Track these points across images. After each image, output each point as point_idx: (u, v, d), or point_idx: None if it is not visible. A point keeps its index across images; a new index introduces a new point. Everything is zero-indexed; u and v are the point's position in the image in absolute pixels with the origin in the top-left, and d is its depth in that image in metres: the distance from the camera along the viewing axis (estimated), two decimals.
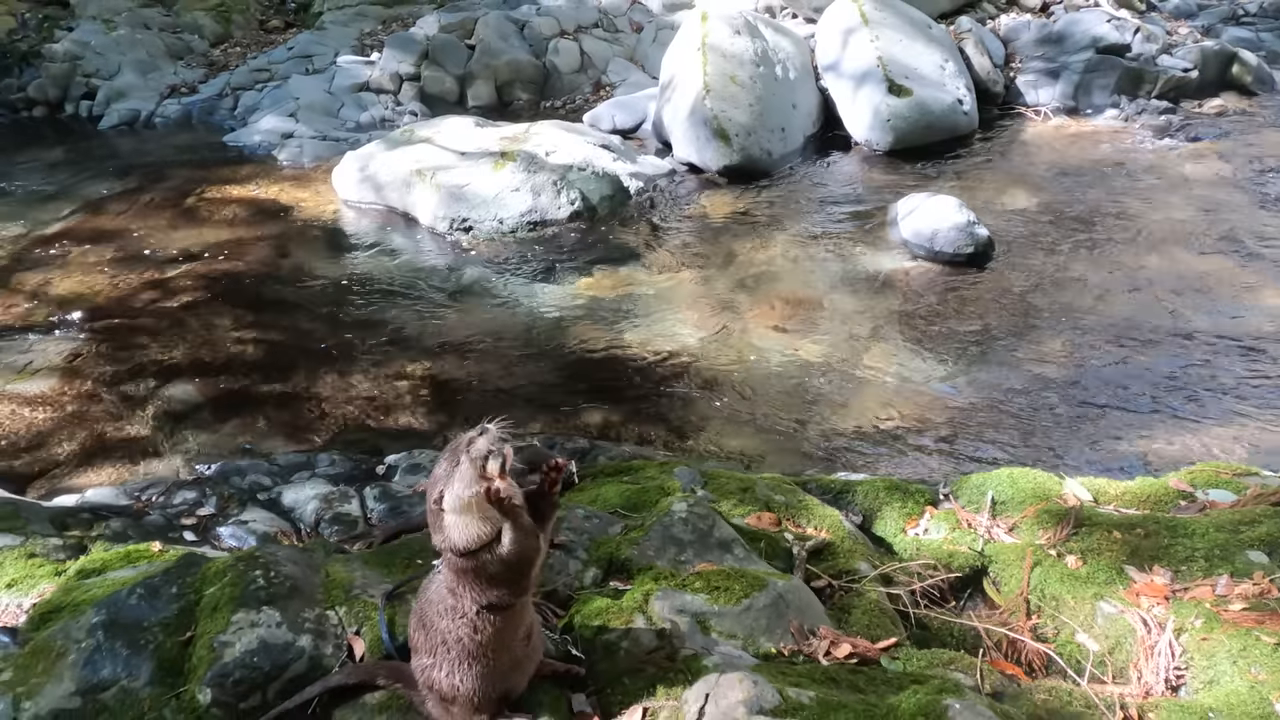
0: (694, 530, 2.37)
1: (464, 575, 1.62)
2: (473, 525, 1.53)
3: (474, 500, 1.52)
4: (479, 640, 1.65)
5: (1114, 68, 8.87)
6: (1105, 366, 4.89)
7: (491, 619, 1.64)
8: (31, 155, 9.40)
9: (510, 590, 1.62)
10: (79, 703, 1.85)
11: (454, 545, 1.55)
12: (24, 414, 4.74)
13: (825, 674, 1.86)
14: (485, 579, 1.59)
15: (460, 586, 1.63)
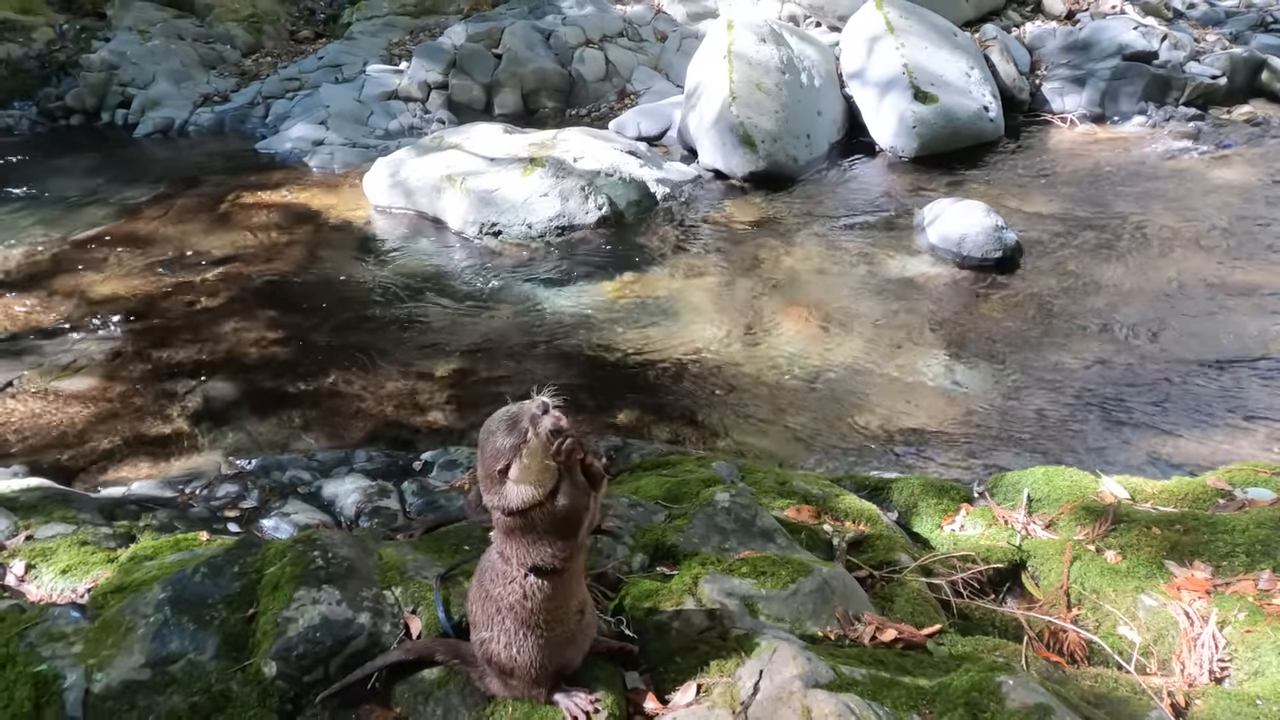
0: (737, 520, 2.41)
1: (512, 535, 1.67)
2: (529, 490, 1.59)
3: (543, 469, 1.58)
4: (530, 607, 1.69)
5: (1141, 75, 8.86)
6: (1137, 369, 4.89)
7: (540, 584, 1.69)
8: (69, 162, 9.59)
9: (556, 549, 1.67)
10: (149, 674, 1.91)
11: (509, 506, 1.61)
12: (68, 410, 4.85)
13: (873, 656, 1.89)
14: (533, 536, 1.64)
15: (509, 548, 1.69)
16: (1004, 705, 1.57)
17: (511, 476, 1.59)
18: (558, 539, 1.66)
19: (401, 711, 1.85)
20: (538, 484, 1.60)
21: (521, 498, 1.60)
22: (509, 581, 1.72)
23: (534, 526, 1.64)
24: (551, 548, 1.66)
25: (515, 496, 1.61)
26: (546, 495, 1.61)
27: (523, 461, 1.58)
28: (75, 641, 2.01)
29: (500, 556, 1.71)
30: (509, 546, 1.70)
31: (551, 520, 1.63)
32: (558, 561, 1.69)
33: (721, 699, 1.67)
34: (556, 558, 1.66)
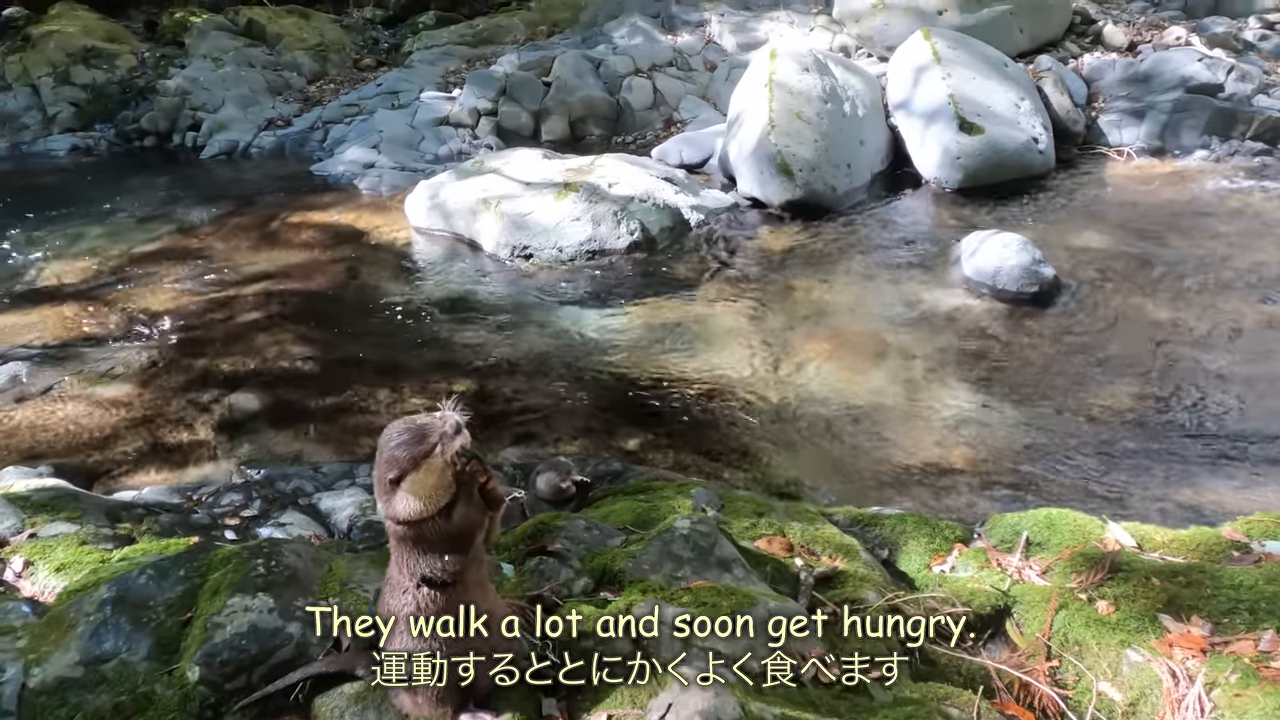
0: (694, 547, 2.34)
1: (403, 544, 1.66)
2: (418, 503, 1.57)
3: (438, 485, 1.57)
4: (424, 621, 1.67)
5: (1205, 108, 8.51)
6: (1168, 415, 4.63)
7: (433, 595, 1.66)
8: (139, 181, 10.09)
9: (445, 563, 1.65)
10: (81, 672, 1.93)
11: (396, 516, 1.59)
12: (100, 416, 5.04)
13: (805, 697, 1.79)
14: (423, 546, 1.62)
15: (401, 557, 1.67)
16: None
17: (404, 488, 1.57)
18: (448, 552, 1.63)
19: None
20: (429, 499, 1.58)
21: (409, 510, 1.59)
22: (403, 592, 1.70)
23: (424, 537, 1.62)
24: (440, 560, 1.63)
25: (403, 508, 1.59)
26: (438, 510, 1.59)
27: (419, 476, 1.57)
28: (21, 636, 2.06)
29: (395, 566, 1.69)
30: (400, 555, 1.68)
31: (442, 534, 1.61)
32: (447, 574, 1.67)
33: None
34: (446, 570, 1.64)
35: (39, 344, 5.96)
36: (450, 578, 1.65)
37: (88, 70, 12.16)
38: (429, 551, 1.64)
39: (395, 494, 1.60)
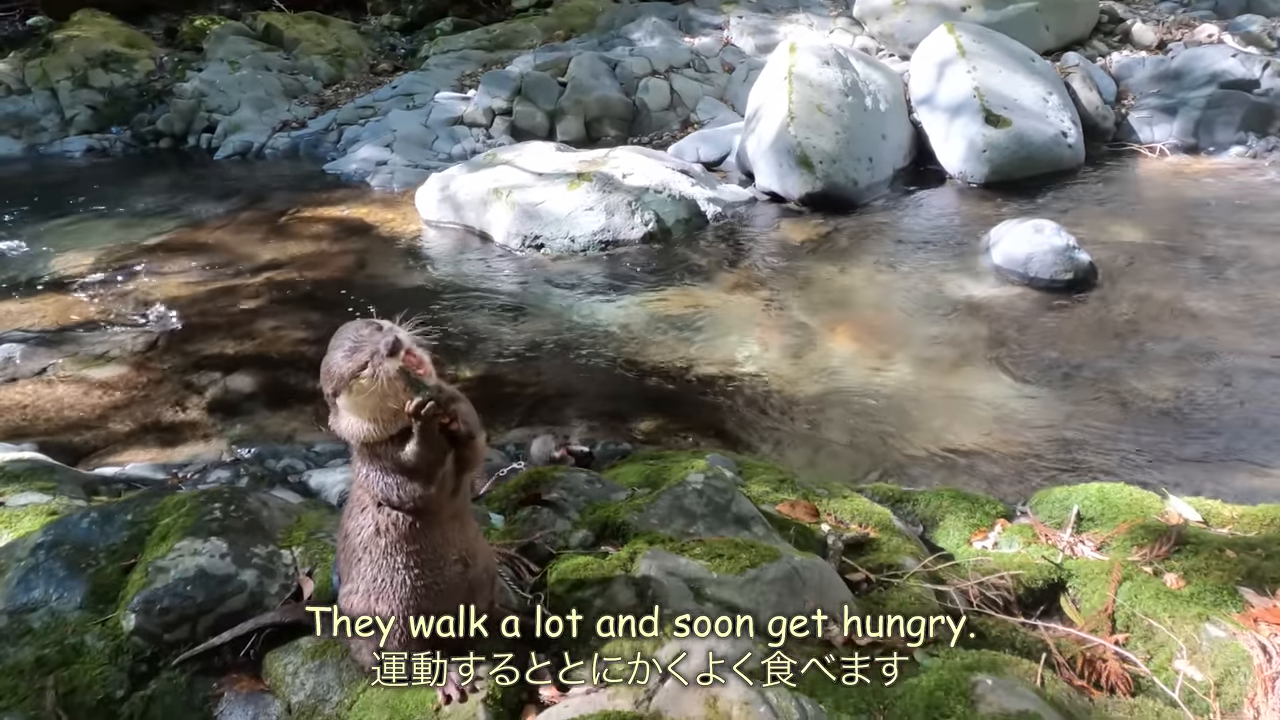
0: (709, 503, 2.08)
1: (359, 458, 1.44)
2: (363, 424, 1.34)
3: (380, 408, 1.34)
4: (384, 544, 1.43)
5: (1240, 103, 8.22)
6: (1216, 400, 4.32)
7: (396, 518, 1.42)
8: (151, 181, 10.00)
9: (405, 491, 1.41)
10: (4, 622, 1.69)
11: (340, 432, 1.36)
12: (92, 396, 4.85)
13: (835, 658, 1.52)
14: (378, 465, 1.39)
15: (359, 471, 1.44)
16: (975, 709, 1.19)
17: (342, 405, 1.34)
18: (407, 481, 1.39)
19: (270, 683, 1.58)
20: (373, 422, 1.35)
21: (350, 430, 1.37)
22: (361, 510, 1.46)
23: (378, 456, 1.38)
24: (399, 487, 1.40)
25: (345, 427, 1.37)
26: (387, 437, 1.35)
27: (353, 396, 1.33)
28: None
29: (355, 481, 1.45)
30: (359, 469, 1.45)
31: (396, 464, 1.37)
32: (410, 501, 1.42)
33: (628, 687, 1.34)
34: (406, 498, 1.40)
35: (36, 329, 5.80)
36: (413, 503, 1.41)
37: (106, 74, 12.16)
38: (386, 473, 1.40)
39: (337, 409, 1.37)
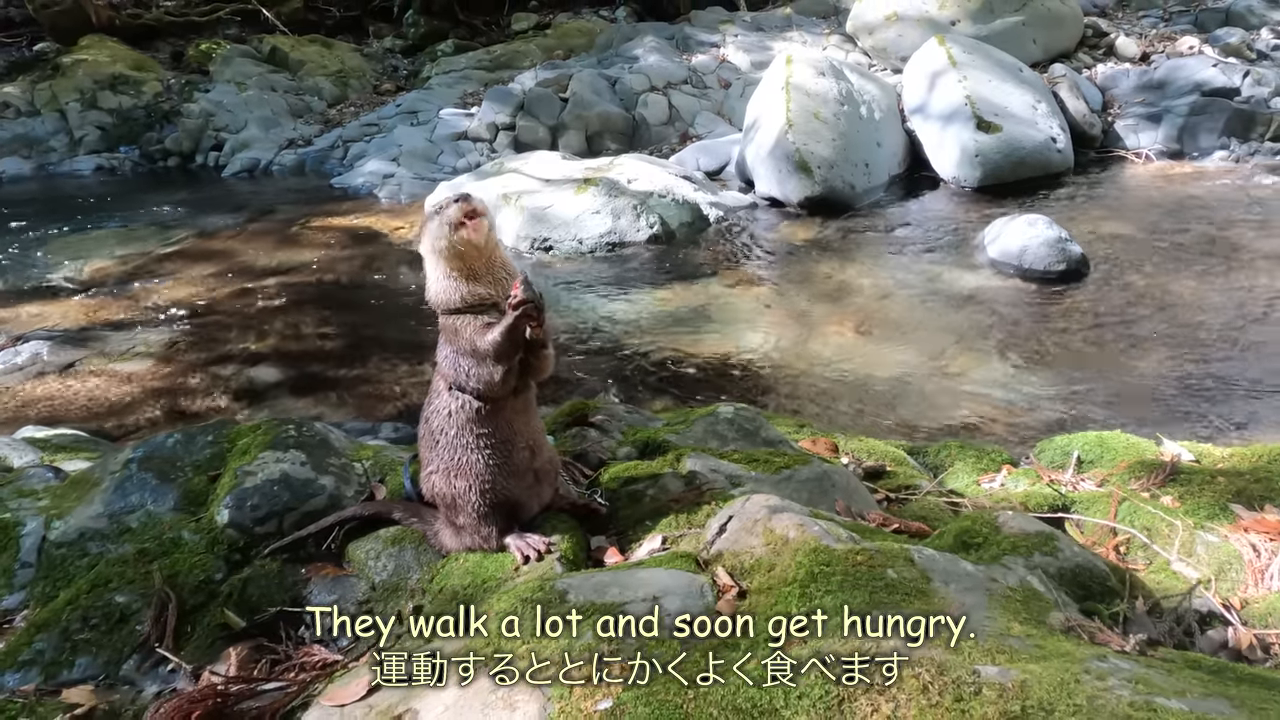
0: (739, 429, 2.25)
1: (442, 339, 1.61)
2: (444, 281, 1.53)
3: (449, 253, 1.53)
4: (458, 425, 1.60)
5: (1222, 110, 8.52)
6: (1204, 374, 4.52)
7: (475, 406, 1.59)
8: (161, 196, 10.20)
9: (473, 375, 1.58)
10: (105, 523, 1.84)
11: (429, 293, 1.55)
12: (120, 387, 4.99)
13: (867, 531, 1.68)
14: (456, 347, 1.57)
15: (441, 354, 1.62)
16: (999, 531, 1.36)
17: (423, 249, 1.54)
18: (477, 365, 1.57)
19: (353, 569, 1.73)
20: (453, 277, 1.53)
21: (435, 290, 1.55)
22: (437, 396, 1.63)
23: (458, 334, 1.56)
24: (471, 370, 1.57)
25: (432, 286, 1.55)
26: (466, 305, 1.54)
27: (424, 238, 1.53)
28: (43, 496, 1.97)
29: (437, 368, 1.63)
30: (440, 351, 1.62)
31: (472, 346, 1.55)
32: (479, 386, 1.59)
33: (687, 544, 1.50)
34: (476, 382, 1.57)
35: (61, 328, 5.95)
36: (481, 388, 1.58)
37: (114, 96, 12.41)
38: (461, 355, 1.57)
39: (426, 268, 1.56)
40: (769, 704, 1.07)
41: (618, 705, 1.10)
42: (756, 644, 1.18)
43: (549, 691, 1.14)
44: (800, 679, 1.09)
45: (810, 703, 1.06)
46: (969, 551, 1.38)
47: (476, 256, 1.57)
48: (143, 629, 1.62)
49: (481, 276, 1.57)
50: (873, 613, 1.16)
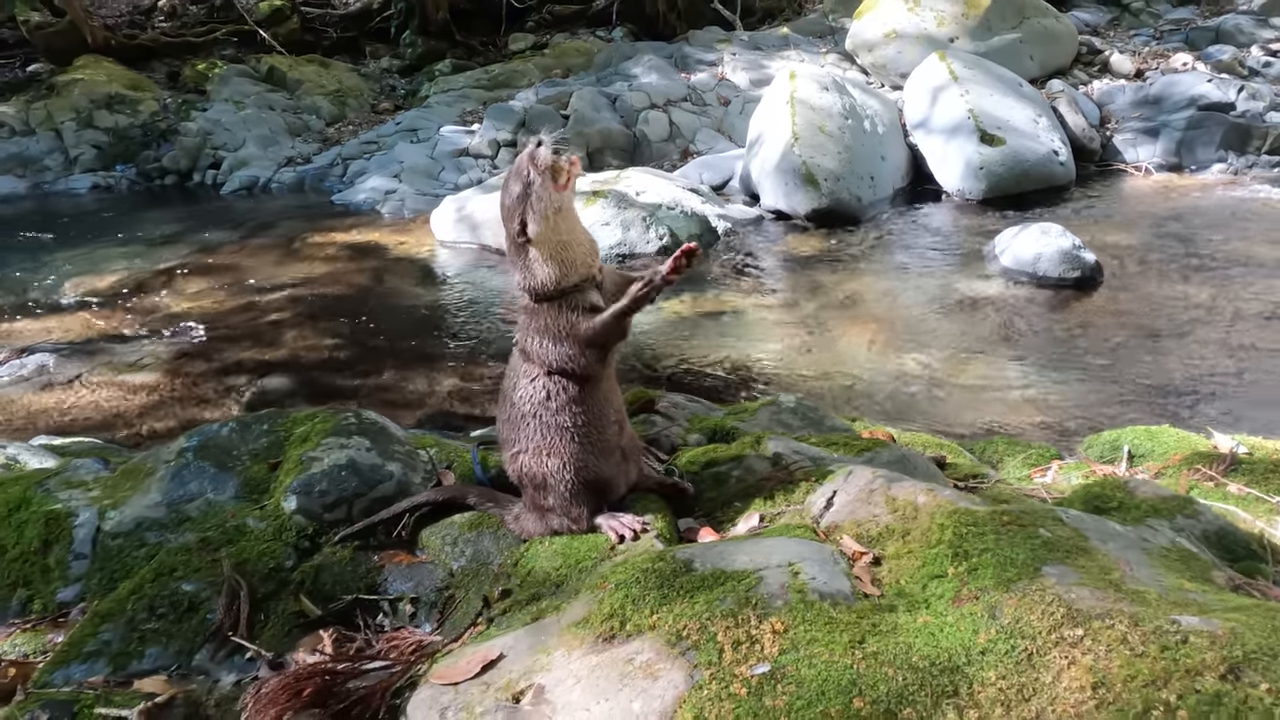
0: (803, 417, 2.20)
1: (537, 333, 1.53)
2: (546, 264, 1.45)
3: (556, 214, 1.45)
4: (554, 407, 1.52)
5: (1219, 124, 8.63)
6: (1228, 370, 4.51)
7: (565, 384, 1.52)
8: (159, 214, 10.12)
9: (574, 354, 1.51)
10: (163, 512, 1.77)
11: (531, 280, 1.47)
12: (128, 398, 4.89)
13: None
14: (556, 336, 1.49)
15: (531, 343, 1.53)
16: (1133, 496, 1.31)
17: (533, 235, 1.45)
18: (582, 348, 1.50)
19: (427, 556, 1.66)
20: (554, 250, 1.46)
21: (540, 275, 1.47)
22: (531, 380, 1.56)
23: (565, 311, 1.49)
24: (571, 350, 1.50)
25: (537, 271, 1.47)
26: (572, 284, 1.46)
27: (537, 208, 1.45)
28: (93, 488, 1.90)
29: (522, 354, 1.55)
30: (531, 341, 1.55)
31: (573, 330, 1.48)
32: (577, 365, 1.53)
33: (787, 520, 1.45)
34: (575, 361, 1.50)
35: (66, 341, 5.85)
36: (581, 369, 1.51)
37: (110, 115, 12.34)
38: (560, 341, 1.50)
39: (529, 254, 1.47)
40: (949, 661, 1.02)
41: (776, 668, 1.04)
42: (916, 604, 1.13)
43: (694, 658, 1.08)
44: (978, 635, 1.04)
45: (996, 658, 1.00)
46: (1104, 515, 1.34)
47: (575, 224, 1.51)
48: (213, 618, 1.55)
49: (580, 245, 1.50)
50: (1041, 567, 1.11)
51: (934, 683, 0.98)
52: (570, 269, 1.47)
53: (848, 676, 1.01)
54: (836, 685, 1.00)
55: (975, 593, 1.09)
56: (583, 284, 1.51)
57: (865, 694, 0.98)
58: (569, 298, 1.49)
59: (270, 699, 1.22)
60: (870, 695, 0.98)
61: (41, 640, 1.59)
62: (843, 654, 1.03)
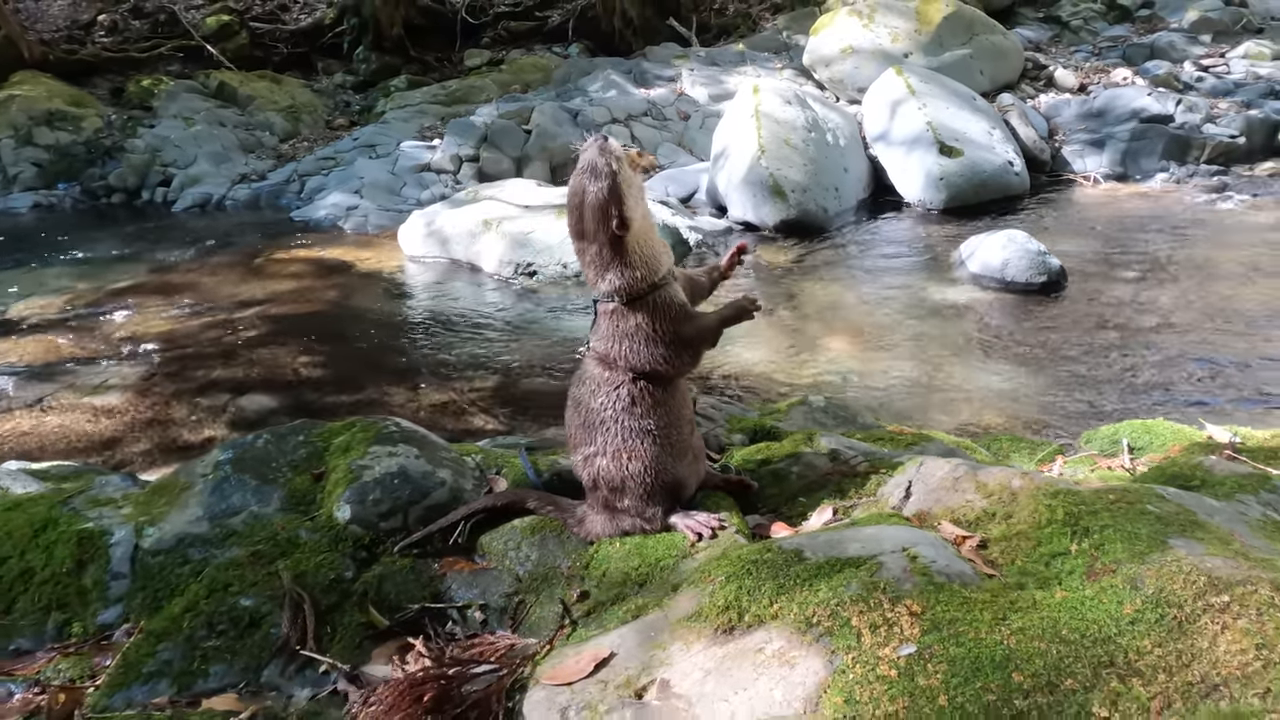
0: (835, 416, 2.23)
1: (625, 337, 1.51)
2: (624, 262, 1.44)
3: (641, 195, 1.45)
4: (639, 412, 1.51)
5: (1161, 135, 9.02)
6: (1199, 366, 4.71)
7: (649, 389, 1.51)
8: (107, 233, 9.78)
9: (669, 357, 1.50)
10: (206, 527, 1.71)
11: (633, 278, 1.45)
12: (98, 421, 4.72)
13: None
14: (648, 338, 1.48)
15: (617, 350, 1.52)
16: (1211, 473, 1.36)
17: (634, 225, 1.44)
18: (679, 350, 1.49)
19: (489, 562, 1.63)
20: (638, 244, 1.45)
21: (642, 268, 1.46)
22: (614, 388, 1.54)
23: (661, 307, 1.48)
24: (667, 352, 1.49)
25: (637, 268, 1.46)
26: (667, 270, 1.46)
27: (629, 196, 1.44)
28: (124, 505, 1.82)
29: (601, 363, 1.54)
30: (617, 345, 1.53)
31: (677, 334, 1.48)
32: (672, 368, 1.52)
33: (866, 510, 1.46)
34: (670, 363, 1.50)
35: (23, 364, 5.60)
36: (676, 372, 1.51)
37: (51, 131, 11.93)
38: (652, 343, 1.49)
39: (623, 251, 1.46)
40: (1099, 632, 1.04)
41: (923, 648, 1.04)
42: (1046, 580, 1.15)
43: (830, 643, 1.08)
44: (1123, 606, 1.06)
45: (1148, 627, 1.03)
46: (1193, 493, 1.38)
47: (649, 220, 1.50)
48: (277, 633, 1.49)
49: (657, 233, 1.50)
50: (1167, 540, 1.14)
51: (1089, 654, 1.00)
52: (661, 258, 1.47)
53: (1000, 652, 1.02)
54: (990, 661, 1.01)
55: (1110, 566, 1.12)
56: (669, 277, 1.51)
57: (1022, 668, 0.99)
58: (660, 293, 1.49)
59: (393, 704, 1.18)
60: (1028, 669, 0.99)
61: (87, 664, 1.51)
62: (989, 631, 1.05)
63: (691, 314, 1.50)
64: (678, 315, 1.46)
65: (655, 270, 1.47)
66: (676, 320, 1.45)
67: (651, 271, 1.46)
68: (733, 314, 1.50)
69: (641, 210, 1.47)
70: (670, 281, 1.50)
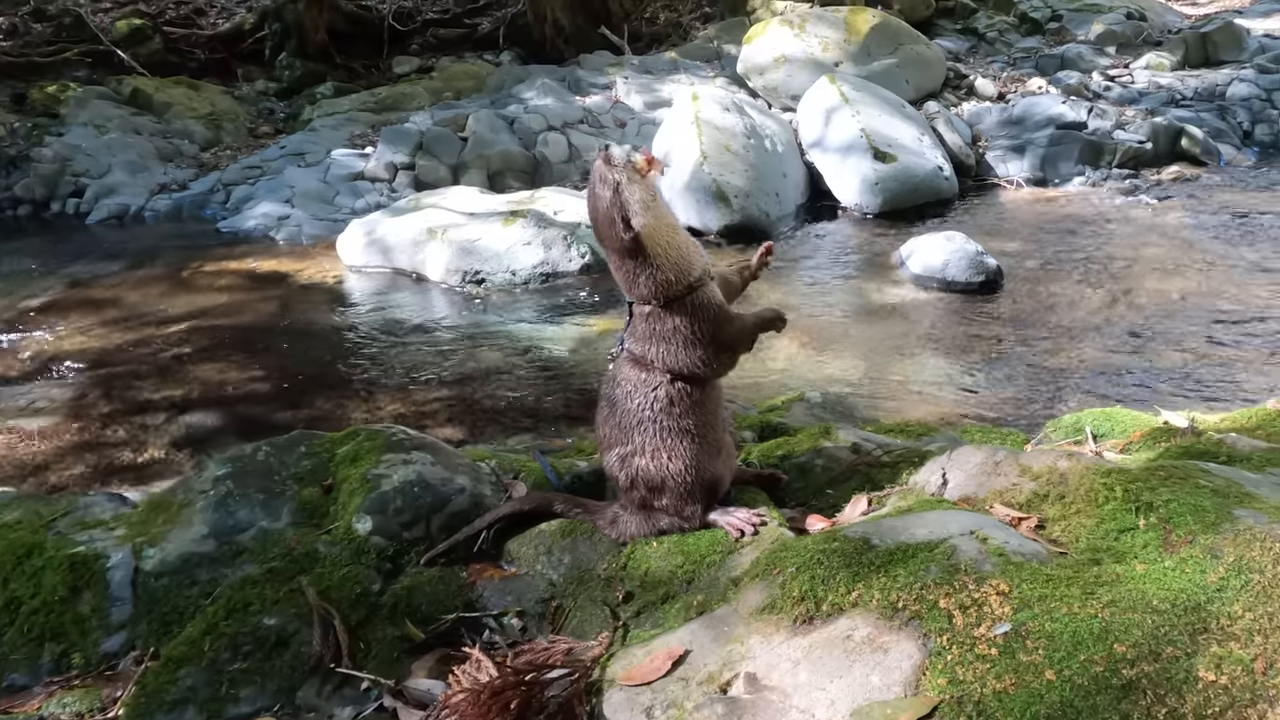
0: (834, 411, 2.27)
1: (662, 340, 1.50)
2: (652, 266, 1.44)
3: (647, 197, 1.45)
4: (677, 413, 1.51)
5: (1076, 141, 9.47)
6: (1133, 355, 4.98)
7: (687, 390, 1.51)
8: (15, 245, 9.23)
9: (707, 360, 1.50)
10: (212, 545, 1.62)
11: (667, 278, 1.45)
12: (29, 445, 4.43)
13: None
14: (687, 340, 1.48)
15: (654, 352, 1.51)
16: (1235, 449, 1.43)
17: (640, 228, 1.44)
18: (717, 351, 1.49)
19: (519, 569, 1.60)
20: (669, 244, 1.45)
21: (672, 267, 1.45)
22: (651, 389, 1.53)
23: (698, 307, 1.48)
24: (706, 354, 1.49)
25: (667, 268, 1.45)
26: (693, 278, 1.46)
27: (634, 202, 1.44)
28: (116, 526, 1.71)
29: (635, 365, 1.53)
30: (654, 348, 1.52)
31: (714, 337, 1.48)
32: (710, 369, 1.52)
33: (903, 498, 1.48)
34: (709, 365, 1.50)
35: None
36: (715, 373, 1.51)
37: None
38: (690, 346, 1.48)
39: (645, 253, 1.45)
40: (1189, 600, 1.08)
41: (1018, 626, 1.06)
42: (1122, 554, 1.18)
43: (921, 626, 1.09)
44: (1206, 574, 1.10)
45: (1235, 593, 1.07)
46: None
47: (673, 214, 1.49)
48: (307, 651, 1.42)
49: (686, 232, 1.49)
50: (1232, 511, 1.19)
51: (1183, 621, 1.04)
52: (693, 258, 1.46)
53: (1097, 625, 1.05)
54: (1090, 634, 1.04)
55: (1186, 538, 1.16)
56: (705, 277, 1.50)
57: (1122, 639, 1.02)
58: (698, 294, 1.48)
59: (479, 713, 1.13)
60: (1128, 639, 1.02)
61: (95, 696, 1.41)
62: (1081, 606, 1.08)
63: (730, 315, 1.50)
64: (717, 316, 1.46)
65: (688, 271, 1.46)
66: (716, 322, 1.45)
67: (684, 273, 1.46)
68: (770, 318, 1.51)
69: (654, 213, 1.47)
70: (707, 281, 1.50)
